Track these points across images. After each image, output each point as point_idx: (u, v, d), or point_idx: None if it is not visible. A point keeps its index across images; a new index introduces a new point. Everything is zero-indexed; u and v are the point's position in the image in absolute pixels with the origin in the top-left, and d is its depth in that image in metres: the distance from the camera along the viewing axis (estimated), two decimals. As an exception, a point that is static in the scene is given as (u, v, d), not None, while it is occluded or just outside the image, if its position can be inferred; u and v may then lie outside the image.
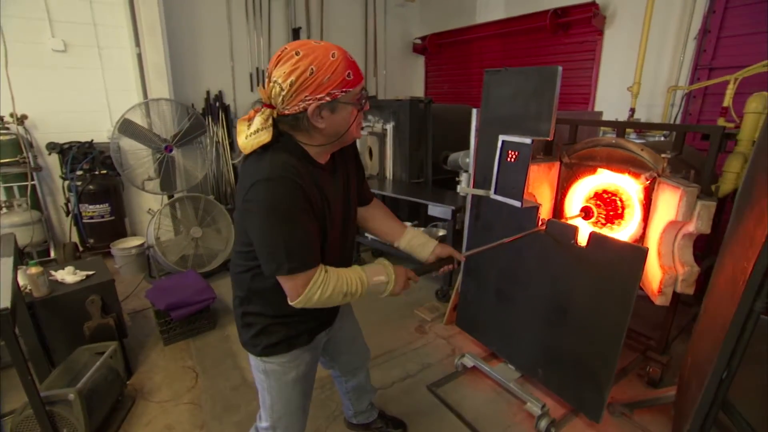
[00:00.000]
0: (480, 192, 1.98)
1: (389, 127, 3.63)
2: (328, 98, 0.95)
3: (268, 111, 0.98)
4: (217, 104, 4.38)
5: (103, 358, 1.85)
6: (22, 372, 1.50)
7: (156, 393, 2.09)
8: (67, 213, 3.55)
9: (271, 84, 0.95)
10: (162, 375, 2.23)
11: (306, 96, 0.94)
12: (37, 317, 1.98)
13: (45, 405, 1.50)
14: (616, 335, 1.59)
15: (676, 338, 2.35)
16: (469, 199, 2.26)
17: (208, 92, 4.36)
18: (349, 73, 0.96)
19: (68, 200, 3.52)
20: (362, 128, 1.11)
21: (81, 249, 3.56)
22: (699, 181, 1.72)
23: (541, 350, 1.94)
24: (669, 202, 1.72)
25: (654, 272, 1.84)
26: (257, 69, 4.61)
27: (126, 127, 2.97)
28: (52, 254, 3.50)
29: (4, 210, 3.24)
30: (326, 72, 0.93)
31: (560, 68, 1.58)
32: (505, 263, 2.07)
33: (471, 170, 2.24)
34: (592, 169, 2.12)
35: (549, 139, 1.67)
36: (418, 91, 5.89)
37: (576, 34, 3.73)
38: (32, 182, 3.35)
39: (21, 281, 1.98)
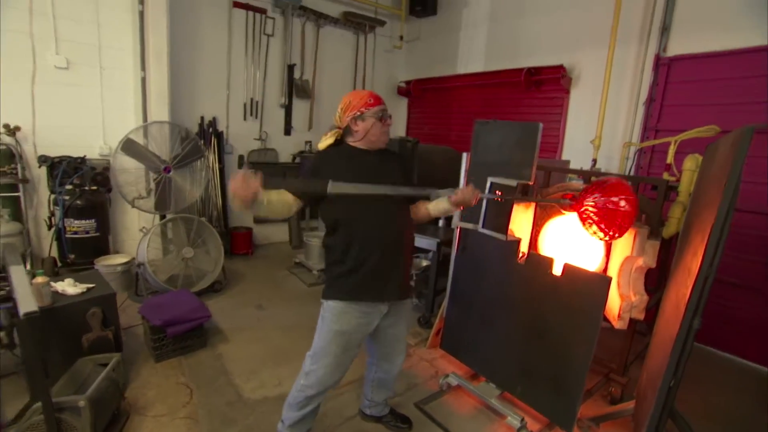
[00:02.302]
0: (469, 225, 2.24)
1: (379, 161, 3.90)
2: (358, 113, 1.63)
3: (337, 130, 1.72)
4: (210, 130, 4.53)
5: (108, 368, 1.89)
6: (38, 376, 1.54)
7: (150, 408, 2.11)
8: (50, 227, 3.50)
9: (337, 113, 1.70)
10: (155, 391, 2.25)
11: (347, 114, 1.65)
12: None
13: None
14: (586, 352, 1.85)
15: (632, 362, 2.65)
16: (457, 232, 2.52)
17: (202, 118, 4.51)
18: (369, 99, 1.66)
19: (52, 214, 3.48)
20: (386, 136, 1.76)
21: (59, 264, 3.49)
22: (649, 223, 2.07)
23: (520, 369, 2.16)
24: (626, 241, 2.05)
25: (614, 300, 2.14)
26: (251, 99, 4.83)
27: (129, 146, 3.07)
28: (28, 267, 3.41)
29: (-14, 221, 3.18)
30: (357, 101, 1.65)
31: (541, 125, 1.92)
32: (487, 290, 2.32)
33: (459, 205, 2.51)
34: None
35: (530, 182, 1.98)
36: (400, 131, 6.28)
37: (547, 90, 4.24)
38: (17, 194, 3.32)
39: (23, 291, 2.00)
